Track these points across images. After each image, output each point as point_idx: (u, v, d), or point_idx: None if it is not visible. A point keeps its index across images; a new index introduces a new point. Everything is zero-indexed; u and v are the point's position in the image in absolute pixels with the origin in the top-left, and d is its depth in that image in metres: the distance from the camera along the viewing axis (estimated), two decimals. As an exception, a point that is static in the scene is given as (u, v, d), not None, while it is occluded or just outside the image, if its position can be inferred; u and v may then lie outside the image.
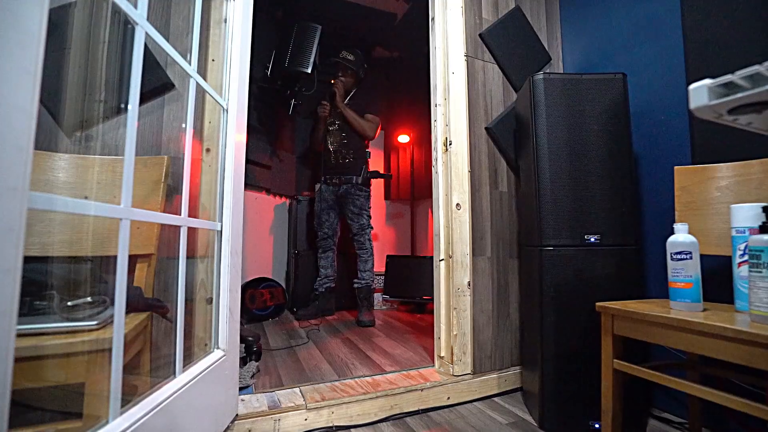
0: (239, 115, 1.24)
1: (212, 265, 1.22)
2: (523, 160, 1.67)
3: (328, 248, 2.71)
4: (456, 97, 1.69)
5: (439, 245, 1.70)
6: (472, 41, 1.78)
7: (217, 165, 1.23)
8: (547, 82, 1.45)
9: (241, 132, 1.26)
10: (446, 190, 1.68)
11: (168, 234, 1.13)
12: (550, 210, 1.41)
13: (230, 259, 1.17)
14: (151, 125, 1.21)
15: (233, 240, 1.19)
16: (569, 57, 2.02)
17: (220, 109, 1.20)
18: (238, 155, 1.22)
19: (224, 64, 1.22)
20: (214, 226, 1.14)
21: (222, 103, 1.18)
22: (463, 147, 1.68)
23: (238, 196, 1.23)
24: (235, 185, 1.20)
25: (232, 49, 1.22)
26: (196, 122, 1.25)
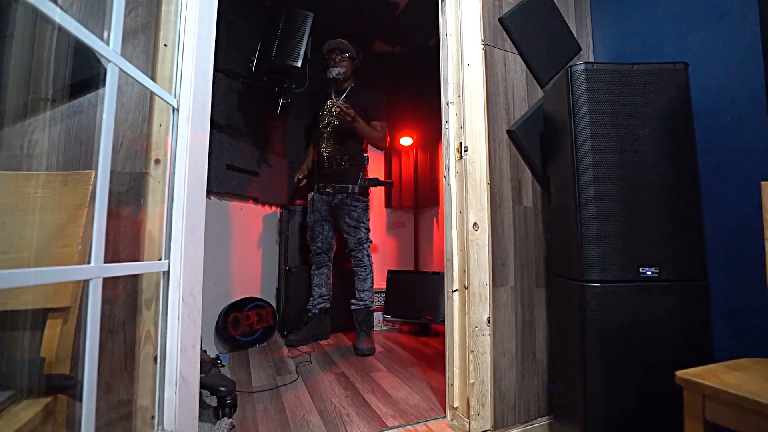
0: (197, 116, 0.95)
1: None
2: (554, 170, 1.38)
3: (322, 264, 2.41)
4: (472, 93, 1.40)
5: (451, 273, 1.40)
6: (491, 27, 1.48)
7: (167, 182, 0.94)
8: (589, 75, 1.16)
9: (201, 139, 0.97)
10: (460, 206, 1.39)
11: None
12: (595, 235, 1.12)
13: (182, 307, 0.88)
14: (77, 129, 0.92)
15: (187, 281, 0.90)
16: (602, 47, 1.73)
17: (169, 108, 0.90)
18: (194, 169, 0.93)
19: (175, 50, 0.93)
20: (157, 267, 0.85)
21: (170, 100, 0.89)
22: (481, 154, 1.39)
23: (194, 222, 0.94)
24: (190, 208, 0.91)
25: (186, 31, 0.92)
26: (140, 125, 0.96)
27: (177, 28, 0.92)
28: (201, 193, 0.96)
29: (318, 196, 2.35)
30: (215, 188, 2.09)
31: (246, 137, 2.36)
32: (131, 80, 0.80)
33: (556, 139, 1.34)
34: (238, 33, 2.28)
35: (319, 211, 2.34)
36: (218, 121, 2.10)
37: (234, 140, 2.24)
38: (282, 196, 2.73)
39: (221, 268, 2.20)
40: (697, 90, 1.28)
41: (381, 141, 2.35)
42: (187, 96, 0.91)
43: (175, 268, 0.87)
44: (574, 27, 1.70)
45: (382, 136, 2.34)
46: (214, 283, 2.15)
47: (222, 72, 1.93)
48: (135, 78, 0.72)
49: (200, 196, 0.96)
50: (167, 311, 0.86)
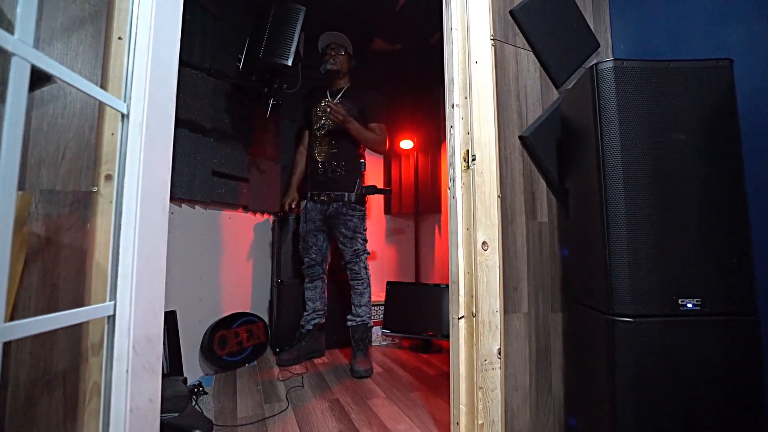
0: (155, 124, 0.79)
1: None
2: (574, 181, 1.22)
3: (316, 277, 2.25)
4: (480, 95, 1.24)
5: (457, 297, 1.24)
6: (501, 20, 1.33)
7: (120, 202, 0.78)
8: (619, 73, 1.00)
9: (161, 151, 0.81)
10: (468, 222, 1.23)
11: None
12: (626, 259, 0.96)
13: (133, 357, 0.72)
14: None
15: (141, 325, 0.74)
16: (621, 43, 1.57)
17: (118, 115, 0.74)
18: (150, 188, 0.77)
19: (128, 44, 0.77)
20: (97, 312, 0.69)
21: (117, 105, 0.72)
22: (490, 163, 1.23)
23: (150, 252, 0.78)
24: (144, 236, 0.75)
25: (138, 20, 0.76)
26: (87, 134, 0.80)
27: (129, 17, 0.76)
28: (160, 216, 0.80)
29: (311, 205, 2.19)
30: (200, 197, 1.93)
31: (235, 141, 2.20)
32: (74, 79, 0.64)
33: (576, 146, 1.18)
34: (225, 29, 2.13)
35: (312, 220, 2.18)
36: (204, 124, 1.95)
37: (221, 145, 2.08)
38: (274, 203, 2.57)
39: (207, 282, 2.05)
40: (741, 90, 1.12)
41: (379, 144, 2.19)
42: (141, 99, 0.75)
43: (123, 310, 0.71)
44: (591, 21, 1.54)
45: (380, 138, 2.18)
46: (200, 299, 1.99)
47: (205, 72, 1.77)
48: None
49: (159, 220, 0.80)
50: (112, 366, 0.70)
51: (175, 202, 1.83)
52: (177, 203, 1.85)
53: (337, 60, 2.18)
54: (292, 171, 2.40)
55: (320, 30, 2.28)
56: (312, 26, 2.32)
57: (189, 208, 1.93)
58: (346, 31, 2.31)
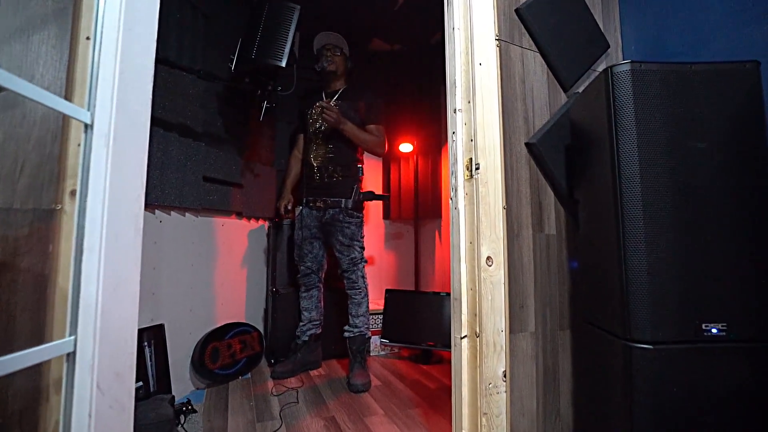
0: (125, 134, 0.71)
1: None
2: (585, 191, 1.14)
3: (311, 286, 2.17)
4: (485, 98, 1.16)
5: (459, 316, 1.16)
6: (507, 19, 1.24)
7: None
8: (637, 77, 0.92)
9: (132, 164, 0.73)
10: (471, 235, 1.15)
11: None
12: (645, 280, 0.88)
13: (98, 397, 0.64)
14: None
15: (108, 361, 0.66)
16: (632, 44, 1.49)
17: (81, 126, 0.66)
18: (118, 206, 0.69)
19: (93, 45, 0.69)
20: (52, 352, 0.60)
21: (79, 114, 0.64)
22: (495, 172, 1.15)
23: (119, 277, 0.70)
24: (110, 259, 0.67)
25: (104, 17, 0.68)
26: (49, 145, 0.72)
27: (95, 14, 0.68)
28: (132, 236, 0.72)
29: (307, 211, 2.11)
30: (191, 204, 1.85)
31: (227, 145, 2.12)
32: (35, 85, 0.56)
33: (588, 154, 1.10)
34: (218, 29, 2.04)
35: (308, 227, 2.10)
36: (195, 128, 1.86)
37: (213, 149, 2.00)
38: (270, 208, 2.49)
39: (199, 292, 1.97)
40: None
41: (378, 146, 2.11)
42: (107, 107, 0.67)
43: (85, 345, 0.63)
44: (600, 20, 1.46)
45: (379, 141, 2.10)
46: (190, 310, 1.91)
47: (194, 74, 1.69)
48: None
49: (130, 241, 0.72)
50: (72, 408, 0.62)
51: (164, 209, 1.76)
52: (166, 211, 1.77)
53: (334, 60, 2.10)
54: (286, 174, 2.32)
55: (316, 30, 2.20)
56: (308, 26, 2.25)
57: (179, 215, 1.85)
58: (343, 31, 2.23)
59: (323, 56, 2.11)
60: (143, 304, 1.70)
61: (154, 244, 1.70)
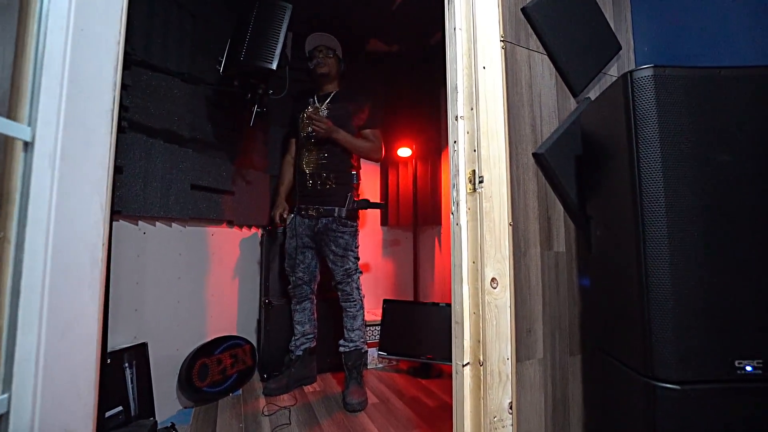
0: (76, 154, 0.61)
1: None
2: (598, 206, 1.04)
3: (304, 297, 2.08)
4: (489, 105, 1.06)
5: (462, 341, 1.07)
6: (512, 19, 1.15)
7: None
8: (660, 83, 0.82)
9: (86, 188, 0.63)
10: (474, 254, 1.05)
11: None
12: (670, 311, 0.79)
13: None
14: None
15: (52, 418, 0.57)
16: (645, 45, 1.39)
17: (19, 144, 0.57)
18: (68, 235, 0.59)
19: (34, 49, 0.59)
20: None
21: (17, 132, 0.55)
22: (500, 185, 1.05)
23: (75, 318, 0.60)
24: (56, 301, 0.57)
25: (49, 16, 0.59)
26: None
27: (37, 13, 0.58)
28: (87, 270, 0.63)
29: (299, 219, 2.01)
30: (177, 214, 1.75)
31: (217, 151, 2.02)
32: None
33: (602, 166, 1.00)
34: (207, 29, 1.95)
35: (300, 236, 2.00)
36: (181, 133, 1.77)
37: (202, 155, 1.91)
38: (263, 215, 2.40)
39: (187, 306, 1.87)
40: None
41: (374, 152, 2.03)
42: (52, 121, 0.57)
43: (22, 404, 0.53)
44: (611, 20, 1.36)
45: (374, 146, 2.02)
46: (177, 325, 1.81)
47: (178, 77, 1.59)
48: None
49: (85, 275, 0.62)
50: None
51: (148, 220, 1.66)
52: (150, 222, 1.67)
53: (326, 63, 2.01)
54: (279, 181, 2.23)
55: (310, 30, 2.11)
56: (301, 26, 2.15)
57: (165, 226, 1.75)
58: (339, 31, 2.14)
59: (314, 58, 2.02)
60: (125, 321, 1.61)
61: (137, 258, 1.61)
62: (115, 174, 1.55)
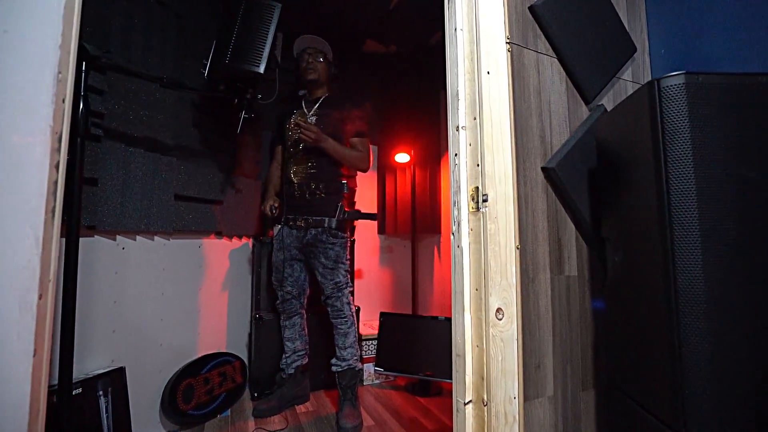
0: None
1: None
2: (616, 227, 0.94)
3: (293, 313, 1.97)
4: (494, 114, 0.95)
5: (463, 377, 0.96)
6: (519, 19, 1.04)
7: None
8: (693, 92, 0.71)
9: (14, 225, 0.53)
10: (477, 281, 0.95)
11: None
12: (707, 356, 0.68)
13: None
14: None
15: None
16: (662, 47, 1.29)
17: None
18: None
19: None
20: None
21: None
22: (507, 204, 0.94)
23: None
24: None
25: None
26: None
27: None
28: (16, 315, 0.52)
29: (287, 231, 1.90)
30: (160, 226, 1.64)
31: (204, 158, 1.92)
32: None
33: (620, 183, 0.89)
34: (193, 30, 1.84)
35: (288, 248, 1.89)
36: (165, 141, 1.66)
37: (187, 163, 1.80)
38: (254, 224, 2.29)
39: (171, 324, 1.76)
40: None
41: (361, 162, 1.93)
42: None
43: None
44: (625, 19, 1.25)
45: (362, 156, 1.92)
46: (160, 345, 1.70)
47: (156, 81, 1.47)
48: None
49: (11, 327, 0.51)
50: None
51: (127, 235, 1.55)
52: (130, 236, 1.56)
53: (315, 67, 1.91)
54: (267, 180, 2.12)
55: (303, 30, 2.00)
56: (293, 26, 2.04)
57: (146, 239, 1.64)
58: (333, 31, 2.04)
59: (303, 62, 1.92)
60: (101, 344, 1.50)
61: (115, 275, 1.50)
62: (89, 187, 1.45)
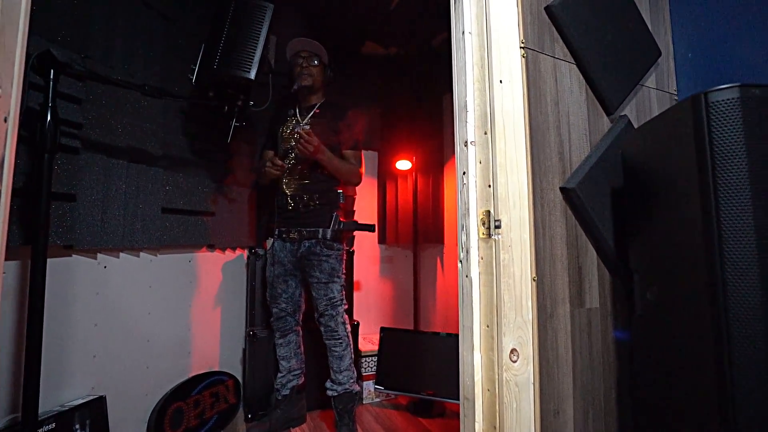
0: None
1: None
2: (646, 258, 0.83)
3: (288, 330, 1.86)
4: (508, 128, 0.85)
5: (473, 423, 0.85)
6: (535, 21, 0.93)
7: None
8: (749, 106, 0.61)
9: None
10: (488, 317, 0.84)
11: None
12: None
13: None
14: None
15: None
16: (689, 50, 1.18)
17: None
18: None
19: None
20: None
21: None
22: (522, 231, 0.83)
23: None
24: None
25: None
26: None
27: None
28: None
29: (279, 244, 1.80)
30: (146, 242, 1.54)
31: (194, 168, 1.81)
32: None
33: (654, 207, 0.78)
34: (182, 34, 1.73)
35: (281, 263, 1.79)
36: (151, 151, 1.56)
37: (175, 174, 1.69)
38: (248, 235, 2.18)
39: (158, 345, 1.66)
40: None
41: (354, 176, 1.86)
42: None
43: None
44: (648, 19, 1.14)
45: (353, 169, 1.84)
46: (147, 367, 1.60)
47: (137, 90, 1.35)
48: None
49: None
50: None
51: (110, 252, 1.45)
52: (112, 254, 1.46)
53: (310, 73, 1.80)
54: (260, 159, 2.02)
55: (298, 31, 1.89)
56: (289, 27, 1.93)
57: (131, 256, 1.54)
58: (332, 32, 1.94)
59: (296, 66, 1.81)
60: (80, 372, 1.39)
61: (95, 296, 1.40)
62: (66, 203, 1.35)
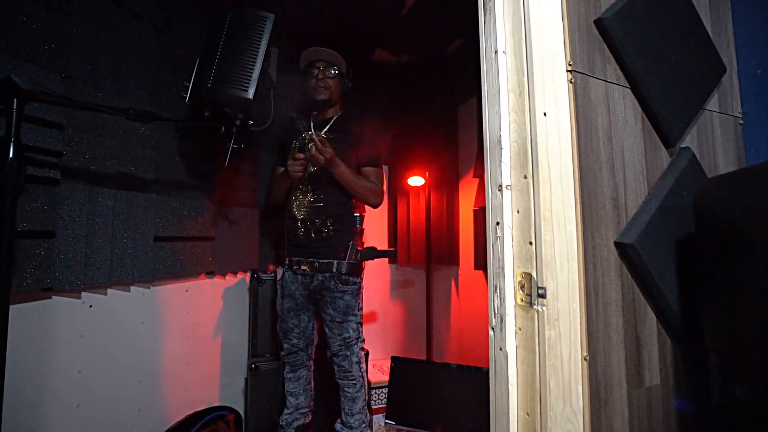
0: None
1: None
2: (726, 331, 0.66)
3: (299, 365, 1.72)
4: (554, 171, 0.69)
5: None
6: (583, 37, 0.77)
7: None
8: None
9: None
10: (528, 403, 0.68)
11: None
12: None
13: None
14: None
15: None
16: (758, 66, 1.00)
17: None
18: None
19: None
20: None
21: None
22: (572, 299, 0.68)
23: None
24: None
25: None
26: None
27: None
28: None
29: (290, 276, 1.65)
30: (137, 276, 1.41)
31: (191, 191, 1.68)
32: None
33: (746, 274, 0.62)
34: (176, 47, 1.60)
35: (292, 296, 1.64)
36: (142, 176, 1.42)
37: (170, 199, 1.56)
38: (250, 258, 2.05)
39: (151, 385, 1.53)
40: None
41: (375, 196, 1.65)
42: None
43: None
44: (710, 30, 0.97)
45: (374, 189, 1.64)
46: (138, 411, 1.47)
47: (121, 114, 1.19)
48: None
49: None
50: None
51: (95, 290, 1.32)
52: (99, 291, 1.34)
53: (327, 85, 1.63)
54: (268, 192, 1.82)
55: (305, 41, 1.74)
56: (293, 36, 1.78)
57: (120, 292, 1.42)
58: (340, 39, 1.78)
59: (312, 76, 1.65)
60: (60, 424, 1.24)
61: (80, 339, 1.27)
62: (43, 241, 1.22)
